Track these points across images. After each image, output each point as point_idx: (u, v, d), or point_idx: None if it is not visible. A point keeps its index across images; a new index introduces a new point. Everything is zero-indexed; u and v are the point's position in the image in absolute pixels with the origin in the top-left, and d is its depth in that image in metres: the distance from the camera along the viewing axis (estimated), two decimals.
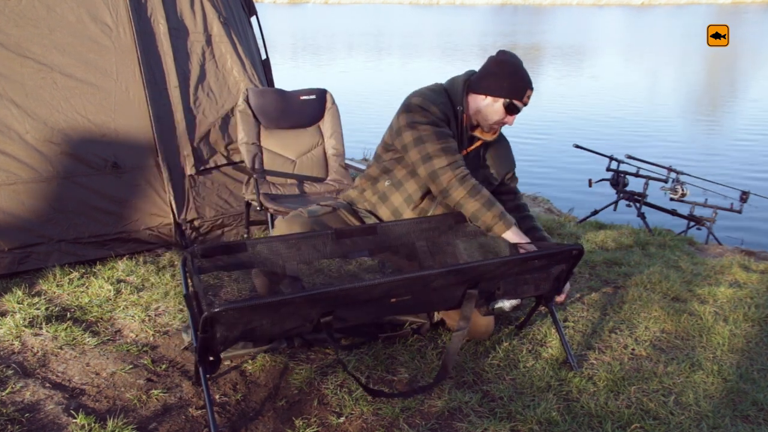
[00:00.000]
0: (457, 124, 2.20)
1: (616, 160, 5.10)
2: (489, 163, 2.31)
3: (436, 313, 2.37)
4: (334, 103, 3.38)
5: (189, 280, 1.88)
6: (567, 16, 46.01)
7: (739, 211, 5.18)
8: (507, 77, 2.15)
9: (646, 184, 4.99)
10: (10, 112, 2.81)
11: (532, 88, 2.16)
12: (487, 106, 2.17)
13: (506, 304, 2.24)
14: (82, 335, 2.31)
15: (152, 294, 2.67)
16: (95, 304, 2.58)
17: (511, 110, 2.16)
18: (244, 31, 3.65)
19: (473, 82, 2.20)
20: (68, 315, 2.48)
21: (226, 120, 3.32)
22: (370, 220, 2.28)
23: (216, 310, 1.52)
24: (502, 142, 2.35)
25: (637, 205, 4.92)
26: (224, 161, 3.33)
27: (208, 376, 2.13)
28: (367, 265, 2.45)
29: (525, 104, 2.17)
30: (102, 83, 2.99)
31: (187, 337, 2.25)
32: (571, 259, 2.00)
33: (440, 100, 2.16)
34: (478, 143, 2.26)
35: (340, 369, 2.15)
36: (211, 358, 1.79)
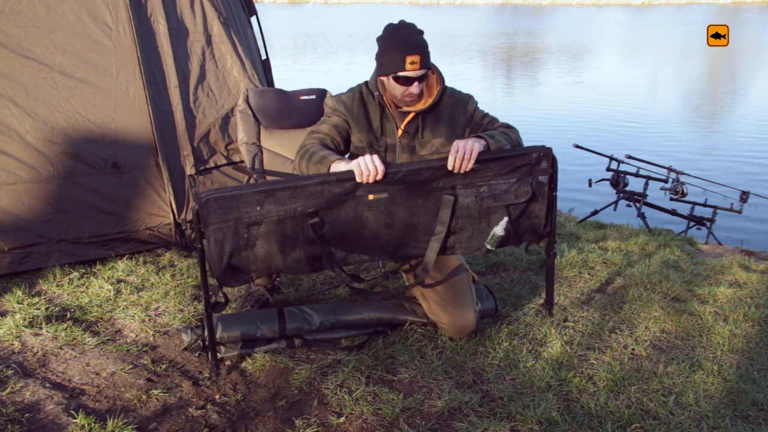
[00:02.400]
0: (378, 107, 2.25)
1: (616, 160, 5.10)
2: (431, 130, 2.26)
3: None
4: None
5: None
6: (567, 16, 46.01)
7: (739, 211, 5.18)
8: (383, 53, 2.13)
9: (646, 184, 4.99)
10: (10, 111, 2.81)
11: (411, 53, 2.05)
12: (387, 84, 2.18)
13: (498, 229, 2.21)
14: (82, 335, 2.31)
15: (152, 294, 2.67)
16: (95, 304, 2.58)
17: (404, 82, 2.11)
18: (244, 31, 3.65)
19: (376, 65, 2.21)
20: (68, 315, 2.48)
21: (226, 120, 3.32)
22: None
23: (204, 197, 1.77)
24: (448, 105, 2.25)
25: (637, 205, 4.92)
26: (224, 161, 3.33)
27: (208, 375, 2.13)
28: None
29: (414, 71, 2.07)
30: (102, 83, 2.99)
31: (186, 337, 2.24)
32: (536, 164, 2.07)
33: (344, 96, 2.28)
34: (410, 116, 2.24)
35: (341, 369, 2.15)
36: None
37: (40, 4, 2.88)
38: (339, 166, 2.01)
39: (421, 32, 2.13)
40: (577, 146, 5.32)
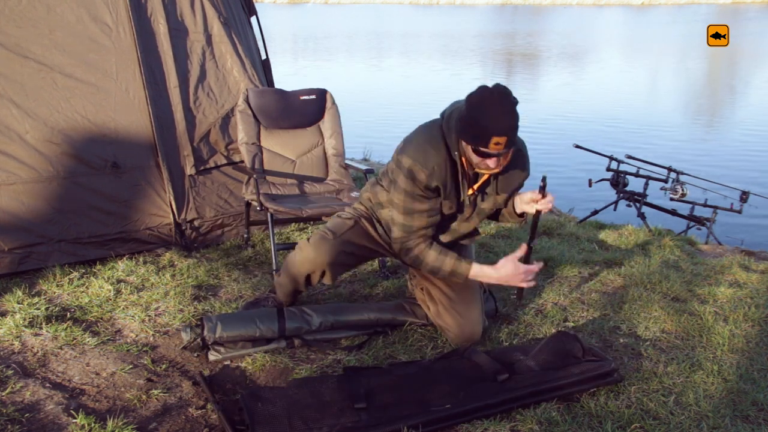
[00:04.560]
0: (455, 169, 2.11)
1: (616, 160, 5.09)
2: (499, 189, 2.23)
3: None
4: (334, 103, 3.37)
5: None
6: (567, 16, 46.00)
7: (739, 211, 5.17)
8: (472, 123, 1.94)
9: (646, 184, 4.99)
10: (10, 112, 2.81)
11: (500, 135, 1.90)
12: (466, 150, 2.02)
13: None
14: (82, 335, 2.31)
15: (152, 294, 2.67)
16: (95, 304, 2.58)
17: (483, 155, 1.97)
18: (244, 31, 3.65)
19: (457, 126, 2.05)
20: (68, 315, 2.48)
21: (226, 120, 3.32)
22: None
23: None
24: (514, 160, 2.13)
25: (637, 205, 4.91)
26: (224, 161, 3.33)
27: (208, 376, 2.13)
28: None
29: (497, 150, 1.93)
30: (102, 83, 2.99)
31: (186, 336, 2.25)
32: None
33: (432, 157, 2.07)
34: (485, 177, 2.14)
35: (340, 369, 2.15)
36: None
37: (40, 5, 2.88)
38: (478, 272, 2.18)
39: (514, 106, 1.95)
40: (577, 146, 5.31)
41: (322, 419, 1.82)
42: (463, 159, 2.08)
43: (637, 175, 5.07)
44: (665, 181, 5.05)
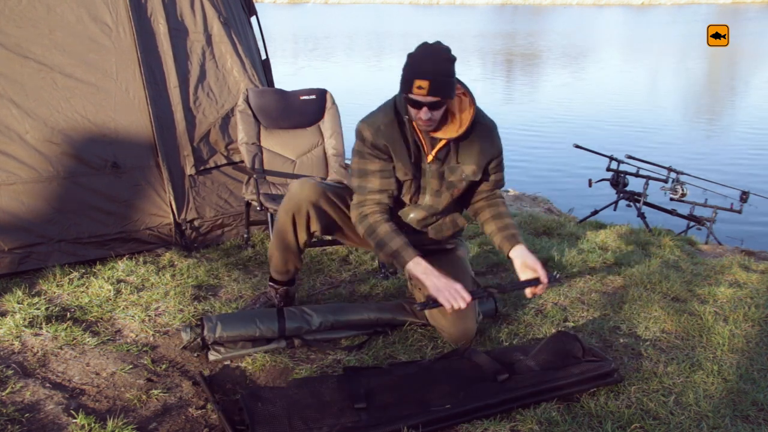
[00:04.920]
0: (407, 134, 2.13)
1: (616, 160, 5.09)
2: (462, 160, 2.19)
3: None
4: (334, 103, 3.38)
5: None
6: (567, 16, 46.01)
7: (739, 211, 5.18)
8: (402, 71, 2.01)
9: (646, 184, 4.99)
10: (10, 112, 2.81)
11: (421, 77, 1.94)
12: (408, 107, 2.05)
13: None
14: (82, 335, 2.31)
15: (152, 294, 2.67)
16: (95, 304, 2.58)
17: (413, 104, 2.00)
18: (244, 31, 3.65)
19: None
20: (68, 315, 2.48)
21: (226, 120, 3.32)
22: None
23: None
24: (479, 132, 2.16)
25: (637, 205, 4.92)
26: (224, 161, 3.33)
27: (208, 375, 2.13)
28: None
29: (420, 96, 1.95)
30: (102, 83, 2.99)
31: (186, 336, 2.25)
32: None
33: (379, 118, 2.13)
34: (442, 143, 2.14)
35: (340, 369, 2.15)
36: None
37: (40, 5, 2.89)
38: (416, 270, 2.07)
39: (443, 53, 1.99)
40: (577, 146, 5.32)
41: (322, 419, 1.82)
42: (414, 123, 2.12)
43: (637, 175, 5.07)
44: (665, 181, 5.05)
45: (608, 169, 5.13)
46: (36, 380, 2.04)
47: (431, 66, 1.97)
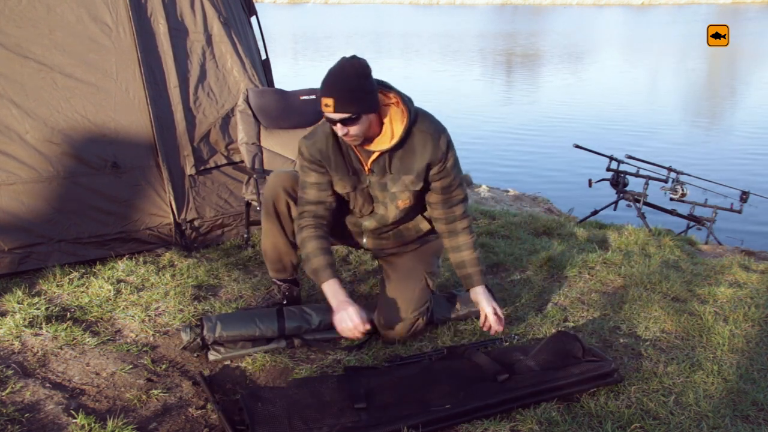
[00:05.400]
0: (339, 144, 2.15)
1: (616, 160, 5.09)
2: (401, 170, 2.15)
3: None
4: None
5: None
6: (567, 16, 46.01)
7: (739, 211, 5.18)
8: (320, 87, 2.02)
9: (646, 184, 4.99)
10: (10, 112, 2.81)
11: (326, 95, 1.96)
12: None
13: None
14: (82, 335, 2.31)
15: (152, 294, 2.67)
16: (95, 304, 2.58)
17: (329, 121, 2.04)
18: (244, 31, 3.65)
19: None
20: (68, 315, 2.48)
21: (226, 120, 3.32)
22: None
23: None
24: (417, 140, 2.11)
25: (637, 205, 4.92)
26: (224, 161, 3.33)
27: (208, 375, 2.13)
28: None
29: (330, 113, 1.98)
30: (102, 83, 2.99)
31: (186, 336, 2.25)
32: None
33: (317, 134, 2.18)
34: (375, 155, 2.12)
35: (341, 369, 2.15)
36: None
37: (40, 5, 2.89)
38: (327, 292, 2.12)
39: (352, 73, 1.98)
40: (577, 146, 5.32)
41: (322, 419, 1.82)
42: None
43: (637, 175, 5.07)
44: (665, 181, 5.05)
45: (608, 169, 5.13)
46: (36, 380, 2.04)
47: (335, 83, 1.98)
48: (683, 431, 1.85)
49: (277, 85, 3.71)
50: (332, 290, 2.12)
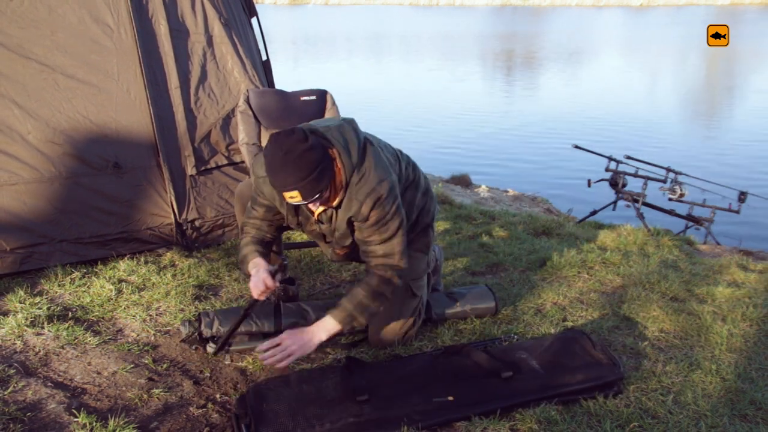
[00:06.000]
0: None
1: (614, 160, 5.11)
2: (342, 218, 2.07)
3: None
4: (334, 103, 3.38)
5: None
6: (566, 16, 46.03)
7: (738, 211, 5.20)
8: (267, 175, 1.92)
9: (645, 184, 5.01)
10: (12, 112, 2.82)
11: (288, 190, 1.86)
12: None
13: None
14: (83, 335, 2.32)
15: (153, 294, 2.68)
16: (97, 303, 2.59)
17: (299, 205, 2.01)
18: (245, 32, 3.66)
19: None
20: (70, 314, 2.49)
21: (226, 120, 3.33)
22: None
23: None
24: (351, 193, 2.00)
25: (636, 205, 4.93)
26: (225, 161, 3.34)
27: (209, 375, 2.14)
28: None
29: (297, 202, 1.90)
30: (103, 84, 3.00)
31: (185, 330, 2.26)
32: None
33: (262, 169, 2.06)
34: (322, 209, 2.07)
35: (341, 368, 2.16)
36: None
37: (42, 6, 2.90)
38: (249, 269, 2.13)
39: (299, 155, 1.83)
40: (576, 147, 5.33)
41: (325, 413, 1.83)
42: None
43: (635, 175, 5.09)
44: (664, 182, 5.07)
45: (607, 170, 5.14)
46: (38, 379, 2.05)
47: (292, 175, 1.84)
48: (682, 430, 1.86)
49: (277, 86, 3.72)
50: (253, 265, 2.12)
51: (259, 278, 2.05)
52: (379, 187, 1.99)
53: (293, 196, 1.88)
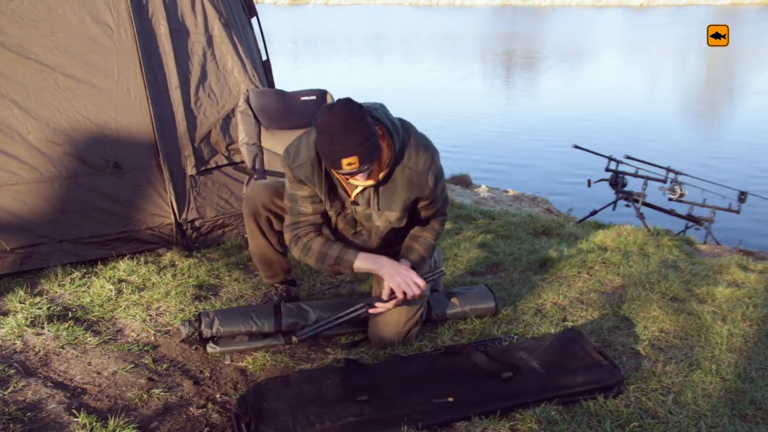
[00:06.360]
0: (326, 172, 2.07)
1: (614, 160, 5.11)
2: (386, 205, 2.10)
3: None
4: None
5: None
6: (566, 16, 46.04)
7: (738, 211, 5.19)
8: (323, 149, 1.92)
9: (645, 184, 5.00)
10: (12, 112, 2.82)
11: (348, 155, 1.85)
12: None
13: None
14: (83, 335, 2.32)
15: (153, 294, 2.68)
16: (97, 303, 2.59)
17: (349, 174, 1.94)
18: (245, 32, 3.66)
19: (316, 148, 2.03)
20: (70, 314, 2.49)
21: (226, 120, 3.33)
22: None
23: None
24: (403, 174, 2.04)
25: (636, 205, 4.93)
26: (225, 161, 3.34)
27: (209, 375, 2.14)
28: None
29: (355, 169, 1.89)
30: (103, 84, 3.01)
31: (185, 330, 2.26)
32: None
33: (301, 154, 2.07)
34: (360, 188, 2.07)
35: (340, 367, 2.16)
36: None
37: (42, 6, 2.90)
38: (366, 264, 2.11)
39: (358, 121, 1.87)
40: (576, 146, 5.33)
41: (325, 413, 1.83)
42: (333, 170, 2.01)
43: (635, 175, 5.08)
44: (664, 182, 5.06)
45: (607, 170, 5.14)
46: (38, 379, 2.05)
47: (351, 139, 1.86)
48: (681, 430, 1.86)
49: (277, 86, 3.73)
50: (372, 258, 2.10)
51: (409, 276, 2.06)
52: (435, 161, 2.08)
53: (351, 162, 1.87)
